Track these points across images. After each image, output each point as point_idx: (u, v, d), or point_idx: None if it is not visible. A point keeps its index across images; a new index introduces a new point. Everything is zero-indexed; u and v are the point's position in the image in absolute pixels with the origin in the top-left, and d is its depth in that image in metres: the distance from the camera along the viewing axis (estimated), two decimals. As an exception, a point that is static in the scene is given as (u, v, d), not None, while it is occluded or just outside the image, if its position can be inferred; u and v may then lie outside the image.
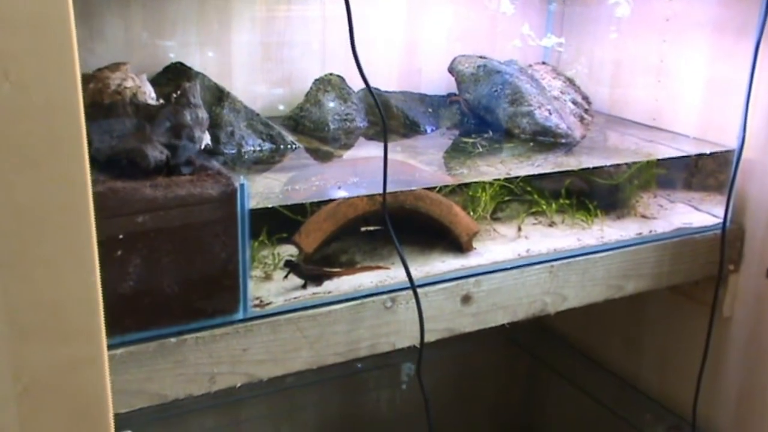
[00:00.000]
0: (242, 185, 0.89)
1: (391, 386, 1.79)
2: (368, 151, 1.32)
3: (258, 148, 1.19)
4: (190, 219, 0.87)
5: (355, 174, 1.17)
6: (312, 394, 1.68)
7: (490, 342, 1.84)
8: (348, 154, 1.28)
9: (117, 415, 0.66)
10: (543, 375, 1.84)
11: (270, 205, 0.98)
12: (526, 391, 1.89)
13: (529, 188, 1.25)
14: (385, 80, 1.53)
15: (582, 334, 1.74)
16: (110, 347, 0.86)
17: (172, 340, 0.89)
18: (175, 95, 0.97)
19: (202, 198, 0.87)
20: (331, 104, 1.35)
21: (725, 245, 1.27)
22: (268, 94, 1.44)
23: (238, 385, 0.96)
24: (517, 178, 1.20)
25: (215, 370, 0.93)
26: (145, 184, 0.87)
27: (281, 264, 1.04)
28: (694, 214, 1.35)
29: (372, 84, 1.48)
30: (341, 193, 1.06)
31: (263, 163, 1.18)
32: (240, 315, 0.93)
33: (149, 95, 1.11)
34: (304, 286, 1.01)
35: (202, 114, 0.97)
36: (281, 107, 1.43)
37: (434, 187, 1.15)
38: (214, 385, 0.94)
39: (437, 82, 1.56)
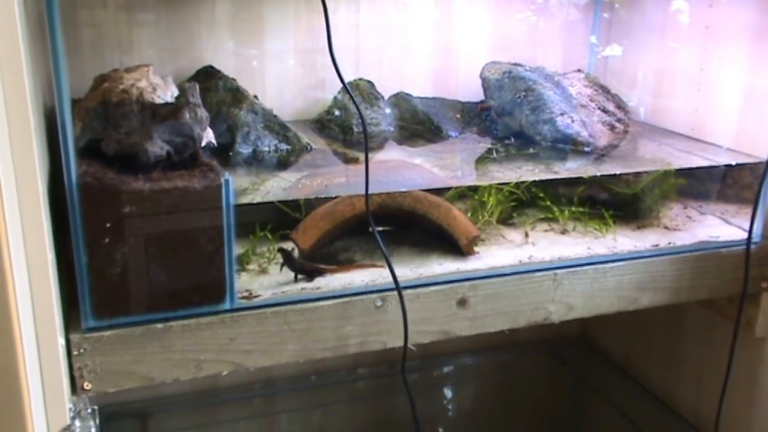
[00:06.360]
0: (227, 180, 0.93)
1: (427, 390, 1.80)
2: (389, 154, 1.34)
3: (273, 149, 1.24)
4: (177, 211, 0.92)
5: (362, 175, 1.19)
6: (344, 393, 1.71)
7: (532, 353, 1.82)
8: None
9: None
10: (582, 390, 1.80)
11: (256, 202, 1.02)
12: (565, 404, 1.85)
13: (541, 194, 1.23)
14: (421, 86, 1.55)
15: (623, 350, 1.70)
16: (97, 329, 0.92)
17: (159, 326, 0.94)
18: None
19: (187, 191, 0.92)
20: (357, 108, 1.38)
21: (749, 261, 1.21)
22: (301, 98, 1.48)
23: (224, 372, 1.00)
24: (523, 183, 1.19)
25: (201, 357, 0.98)
26: (135, 177, 0.92)
27: (276, 258, 1.07)
28: (724, 227, 1.29)
29: (406, 89, 1.53)
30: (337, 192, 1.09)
31: (277, 162, 1.22)
32: (227, 305, 0.97)
33: (171, 95, 1.18)
34: (295, 280, 1.04)
35: (201, 112, 1.01)
36: (313, 111, 1.48)
37: (440, 190, 1.16)
38: (201, 372, 0.98)
39: (476, 89, 1.57)
